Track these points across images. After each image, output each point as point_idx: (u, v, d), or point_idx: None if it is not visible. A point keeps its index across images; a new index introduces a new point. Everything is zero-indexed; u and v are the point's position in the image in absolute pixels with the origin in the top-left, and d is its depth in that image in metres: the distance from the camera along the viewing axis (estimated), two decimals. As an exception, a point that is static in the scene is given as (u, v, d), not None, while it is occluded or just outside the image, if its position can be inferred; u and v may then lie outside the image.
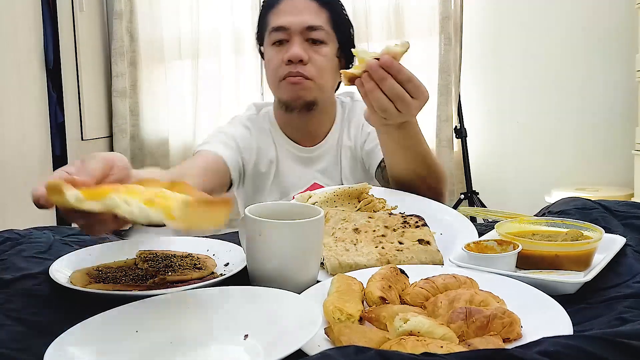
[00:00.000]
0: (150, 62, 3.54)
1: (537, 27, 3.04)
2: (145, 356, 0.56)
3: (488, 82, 3.16)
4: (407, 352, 0.47)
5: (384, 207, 1.01)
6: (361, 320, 0.61)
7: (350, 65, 1.38)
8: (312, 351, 0.52)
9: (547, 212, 1.03)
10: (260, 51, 1.43)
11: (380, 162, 1.31)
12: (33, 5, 2.84)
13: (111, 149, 3.58)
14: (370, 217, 0.89)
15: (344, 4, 1.39)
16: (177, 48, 3.48)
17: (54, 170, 2.94)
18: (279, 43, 1.31)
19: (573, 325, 0.56)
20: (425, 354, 0.47)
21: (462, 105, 3.04)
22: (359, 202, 1.01)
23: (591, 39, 2.95)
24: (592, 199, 1.03)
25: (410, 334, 0.53)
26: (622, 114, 2.90)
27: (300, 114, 1.33)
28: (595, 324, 0.59)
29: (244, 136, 1.38)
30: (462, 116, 3.02)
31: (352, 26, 1.40)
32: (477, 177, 3.03)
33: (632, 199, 2.56)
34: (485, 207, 2.78)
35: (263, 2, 1.40)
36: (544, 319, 0.59)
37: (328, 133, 1.41)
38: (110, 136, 3.58)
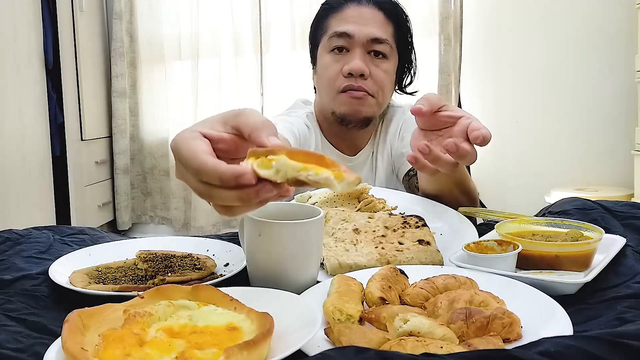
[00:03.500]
0: (150, 62, 3.54)
1: (537, 27, 3.04)
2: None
3: (488, 82, 3.16)
4: (407, 353, 0.47)
5: (384, 207, 1.01)
6: (361, 320, 0.61)
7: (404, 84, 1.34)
8: (312, 351, 0.52)
9: (547, 212, 1.03)
10: (311, 53, 1.36)
11: (409, 170, 1.28)
12: (33, 6, 2.84)
13: (111, 149, 3.59)
14: (370, 218, 0.89)
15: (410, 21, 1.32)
16: (177, 48, 3.48)
17: (53, 171, 2.95)
18: (339, 50, 1.23)
19: (573, 326, 0.56)
20: (425, 354, 0.47)
21: (462, 106, 3.04)
22: (359, 202, 1.01)
23: (591, 39, 2.95)
24: (592, 199, 1.03)
25: (410, 334, 0.53)
26: (622, 115, 2.90)
27: (355, 128, 1.28)
28: (595, 324, 0.59)
29: (305, 134, 1.30)
30: (462, 116, 3.02)
31: (412, 44, 1.33)
32: (477, 177, 3.02)
33: (632, 199, 2.56)
34: (485, 207, 2.78)
35: (324, 3, 1.32)
36: (544, 320, 0.59)
37: (368, 142, 1.37)
38: (110, 136, 3.58)
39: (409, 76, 1.37)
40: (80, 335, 0.52)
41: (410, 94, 1.39)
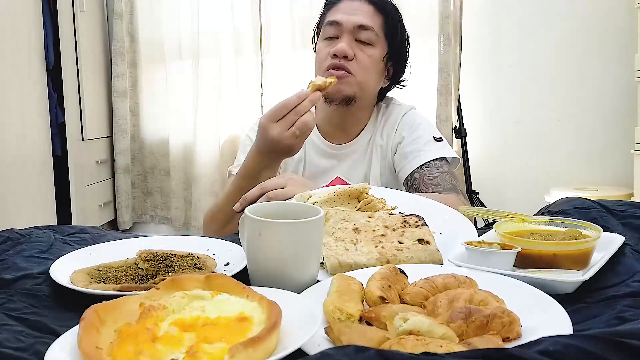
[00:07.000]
0: (151, 62, 3.54)
1: (537, 27, 3.04)
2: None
3: (488, 82, 3.16)
4: (407, 352, 0.47)
5: (384, 207, 1.01)
6: (361, 319, 0.61)
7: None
8: (312, 350, 0.52)
9: (547, 211, 1.03)
10: (314, 48, 1.47)
11: (413, 172, 1.34)
12: (33, 5, 2.84)
13: (112, 149, 3.59)
14: (370, 217, 0.89)
15: (402, 15, 1.42)
16: (177, 48, 3.48)
17: (54, 170, 2.95)
18: (330, 38, 1.35)
19: (572, 325, 0.57)
20: (425, 353, 0.47)
21: (461, 105, 3.04)
22: (359, 202, 1.01)
23: (591, 39, 2.95)
24: (592, 199, 1.03)
25: (410, 333, 0.53)
26: (621, 114, 2.90)
27: (338, 108, 1.36)
28: (595, 323, 0.59)
29: None
30: (461, 116, 3.02)
31: (407, 37, 1.44)
32: (477, 177, 3.03)
33: (631, 199, 2.56)
34: (485, 206, 2.78)
35: (325, 0, 1.45)
36: (544, 318, 0.59)
37: (361, 132, 1.44)
38: (111, 136, 3.58)
39: (402, 70, 1.45)
40: (95, 333, 0.53)
41: (400, 82, 1.46)
